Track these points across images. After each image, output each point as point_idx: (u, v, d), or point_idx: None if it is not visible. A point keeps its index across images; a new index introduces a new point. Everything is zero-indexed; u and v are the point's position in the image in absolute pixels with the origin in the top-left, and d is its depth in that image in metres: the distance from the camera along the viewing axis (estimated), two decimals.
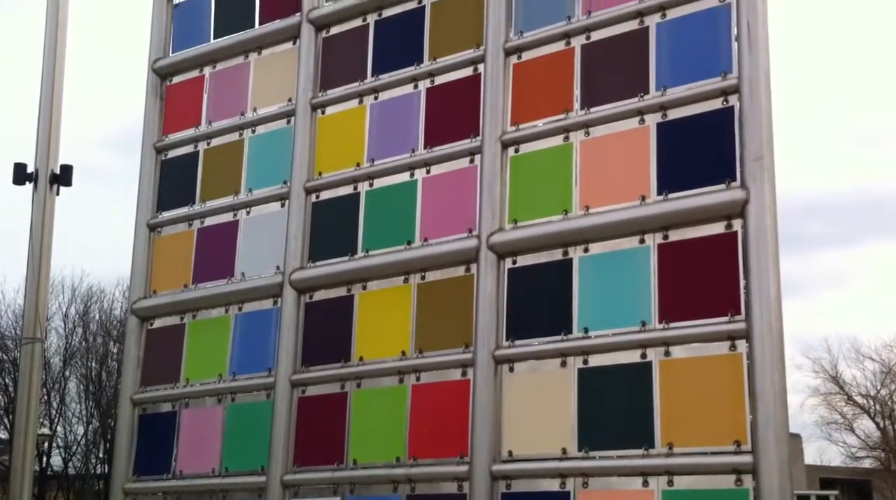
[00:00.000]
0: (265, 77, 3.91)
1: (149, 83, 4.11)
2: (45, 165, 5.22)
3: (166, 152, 4.06)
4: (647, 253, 2.98)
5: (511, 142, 3.33)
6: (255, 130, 3.88)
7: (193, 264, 3.85)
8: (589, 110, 3.21)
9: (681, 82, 3.07)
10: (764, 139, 2.86)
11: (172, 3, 4.18)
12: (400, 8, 3.71)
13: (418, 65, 3.58)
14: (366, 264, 3.48)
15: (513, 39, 3.41)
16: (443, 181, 3.45)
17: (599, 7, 3.28)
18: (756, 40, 2.92)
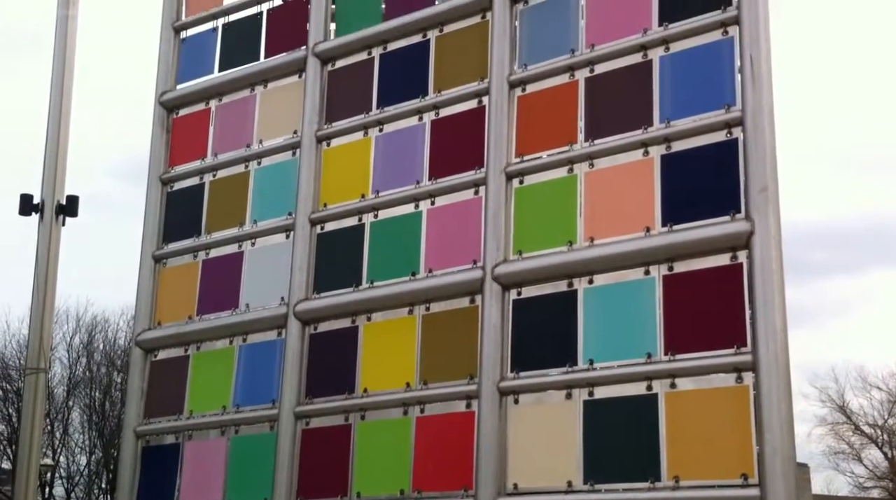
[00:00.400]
0: (271, 109, 3.94)
1: (155, 116, 4.14)
2: (51, 196, 5.24)
3: (172, 184, 4.08)
4: (653, 285, 2.98)
5: (516, 173, 3.34)
6: (261, 161, 3.91)
7: (198, 295, 3.85)
8: (593, 142, 3.23)
9: (684, 114, 3.09)
10: (768, 171, 2.86)
11: (180, 36, 4.23)
12: (405, 41, 3.74)
13: (423, 97, 3.61)
14: (370, 295, 3.49)
15: (517, 72, 3.44)
16: (447, 213, 3.46)
17: (603, 40, 3.31)
18: (759, 73, 2.94)
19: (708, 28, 3.12)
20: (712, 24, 3.11)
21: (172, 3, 4.25)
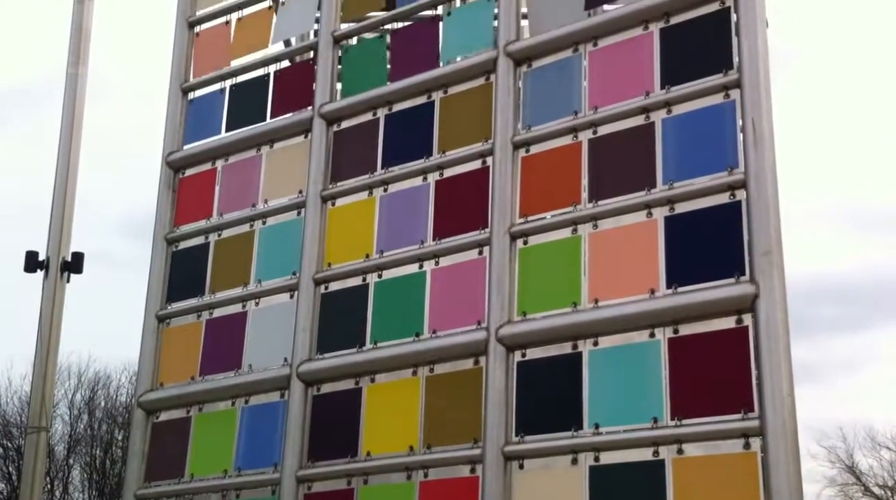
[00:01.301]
0: (276, 169, 3.97)
1: (162, 175, 4.17)
2: (56, 253, 5.26)
3: (177, 244, 4.09)
4: (658, 347, 2.96)
5: (520, 234, 3.34)
6: (266, 221, 3.92)
7: (201, 355, 3.83)
8: (597, 203, 3.23)
9: (687, 177, 3.10)
10: (772, 234, 2.86)
11: (188, 97, 4.27)
12: (410, 103, 3.78)
13: (427, 158, 3.63)
14: (374, 356, 3.46)
15: (521, 133, 3.46)
16: (452, 273, 3.45)
17: (606, 102, 3.34)
18: (761, 136, 2.96)
19: (709, 91, 3.15)
20: (714, 88, 3.14)
21: (181, 64, 4.30)
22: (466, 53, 3.84)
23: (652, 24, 3.34)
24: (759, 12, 3.12)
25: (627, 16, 3.39)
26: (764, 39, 3.11)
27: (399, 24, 4.01)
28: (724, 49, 3.16)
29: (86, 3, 5.65)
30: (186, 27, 4.35)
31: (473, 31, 3.77)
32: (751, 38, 3.08)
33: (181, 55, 4.30)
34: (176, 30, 4.36)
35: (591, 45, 3.46)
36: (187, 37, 4.34)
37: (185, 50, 4.31)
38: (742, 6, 3.13)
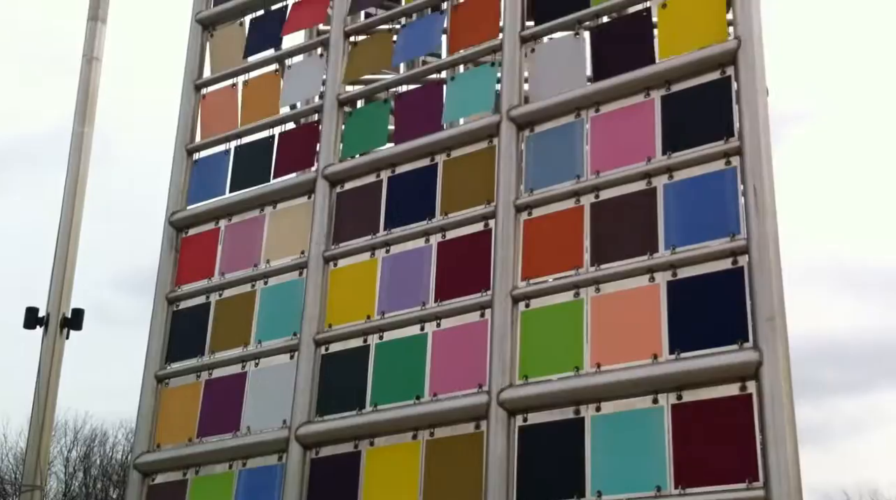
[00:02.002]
0: (279, 230, 3.98)
1: (165, 235, 4.18)
2: (56, 310, 5.25)
3: (178, 303, 4.07)
4: (661, 414, 2.93)
5: (522, 297, 3.34)
6: (267, 281, 3.91)
7: (199, 417, 3.78)
8: (599, 267, 3.24)
9: (689, 242, 3.10)
10: (775, 300, 2.86)
11: (192, 158, 4.31)
12: (413, 165, 3.81)
13: (430, 219, 3.64)
14: (374, 418, 3.43)
15: (523, 196, 3.48)
16: (453, 335, 3.44)
17: (608, 167, 3.37)
18: (763, 203, 2.97)
19: (711, 158, 3.17)
20: (715, 154, 3.17)
21: (187, 125, 4.35)
22: (470, 117, 3.89)
23: (653, 92, 3.38)
24: (759, 81, 3.17)
25: (629, 83, 3.43)
26: (764, 107, 3.15)
27: (404, 88, 4.07)
28: (724, 116, 3.19)
29: (94, 64, 5.73)
30: (193, 90, 4.41)
31: (477, 95, 3.83)
32: (751, 106, 3.12)
33: (187, 117, 4.35)
34: (183, 91, 4.42)
35: (592, 111, 3.50)
36: (194, 99, 4.39)
37: (192, 112, 4.36)
38: (742, 75, 3.18)
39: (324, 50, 4.21)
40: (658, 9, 3.53)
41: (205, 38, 4.49)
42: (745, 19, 3.25)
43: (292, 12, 4.35)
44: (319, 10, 4.34)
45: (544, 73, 3.67)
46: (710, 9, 3.40)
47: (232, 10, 4.47)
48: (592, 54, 3.60)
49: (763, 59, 3.22)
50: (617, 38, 3.58)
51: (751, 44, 3.20)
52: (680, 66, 3.34)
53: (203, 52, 4.47)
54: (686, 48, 3.37)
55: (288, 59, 4.31)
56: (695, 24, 3.41)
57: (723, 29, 3.34)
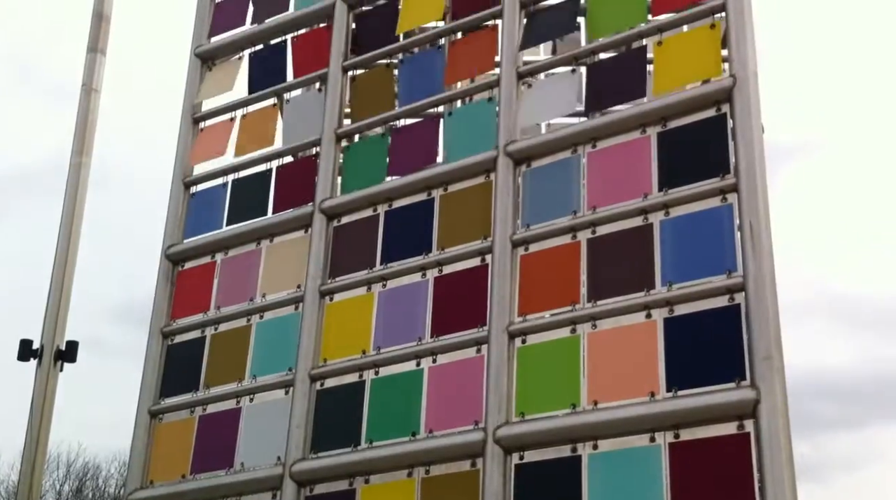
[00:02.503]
0: (276, 264, 3.97)
1: (161, 269, 4.17)
2: (50, 342, 5.21)
3: (173, 337, 4.05)
4: (659, 452, 2.91)
5: (518, 332, 3.33)
6: (263, 315, 3.90)
7: (193, 453, 3.75)
8: (596, 303, 3.23)
9: (686, 278, 3.10)
10: (772, 338, 2.85)
11: (189, 191, 4.31)
12: (410, 199, 3.81)
13: (427, 254, 3.64)
14: (369, 455, 3.40)
15: (520, 232, 3.48)
16: (449, 371, 3.42)
17: (604, 203, 3.37)
18: (759, 241, 2.97)
19: (707, 194, 3.18)
20: (711, 191, 3.17)
21: (184, 158, 4.35)
22: (466, 152, 3.90)
23: (649, 128, 3.40)
24: (754, 118, 3.18)
25: (625, 119, 3.45)
26: (760, 145, 3.16)
27: (401, 123, 4.09)
28: (720, 153, 3.20)
29: (92, 94, 5.75)
30: (191, 122, 4.42)
31: (474, 130, 3.84)
32: (747, 144, 3.13)
33: (184, 149, 4.36)
34: (181, 125, 4.43)
35: (589, 147, 3.51)
36: (191, 131, 4.40)
37: (189, 144, 4.37)
38: (738, 112, 3.20)
39: (322, 84, 4.23)
40: (654, 46, 3.56)
41: (203, 72, 4.51)
42: (740, 57, 3.27)
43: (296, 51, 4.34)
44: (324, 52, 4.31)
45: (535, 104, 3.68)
46: (706, 47, 3.42)
47: (231, 45, 4.50)
48: (588, 90, 3.62)
49: (758, 96, 3.24)
50: (613, 75, 3.60)
51: (746, 82, 3.22)
52: (675, 104, 3.36)
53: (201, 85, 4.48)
54: (682, 85, 3.40)
55: (286, 93, 4.33)
56: (690, 62, 3.43)
57: (718, 66, 3.37)
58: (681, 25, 3.58)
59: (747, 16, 3.35)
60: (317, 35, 4.35)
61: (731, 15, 3.36)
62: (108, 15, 5.68)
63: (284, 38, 4.40)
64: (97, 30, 5.66)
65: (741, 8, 3.35)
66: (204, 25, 4.59)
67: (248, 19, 4.50)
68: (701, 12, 3.46)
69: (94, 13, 5.69)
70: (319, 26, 4.35)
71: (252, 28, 4.48)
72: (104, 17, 5.67)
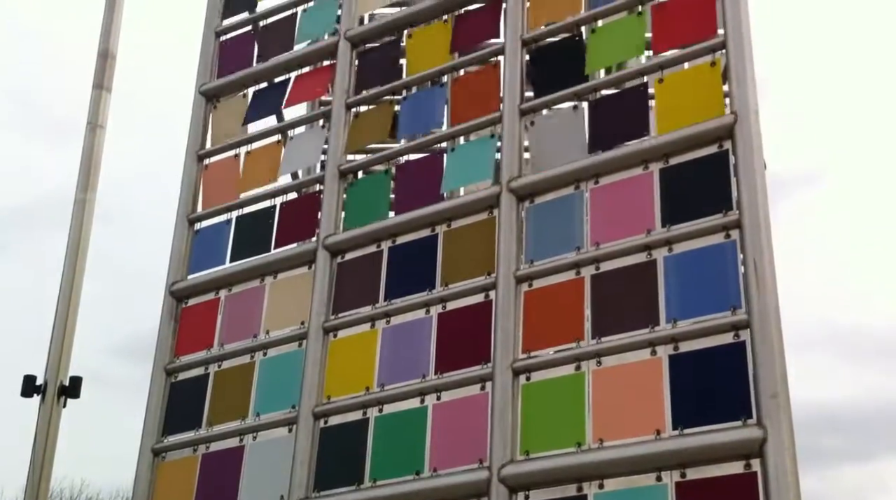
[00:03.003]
0: (279, 300, 3.97)
1: (164, 305, 4.17)
2: (54, 378, 5.20)
3: (176, 375, 4.04)
4: (665, 492, 2.88)
5: (522, 369, 3.32)
6: (267, 352, 3.89)
7: (195, 492, 3.71)
8: (600, 340, 3.22)
9: (690, 315, 3.09)
10: (778, 376, 2.84)
11: (194, 228, 4.32)
12: (413, 235, 3.82)
13: (430, 290, 3.64)
14: (373, 495, 3.37)
15: (523, 268, 3.48)
16: (453, 409, 3.41)
17: (608, 239, 3.38)
18: (763, 277, 2.97)
19: (710, 231, 3.18)
20: (714, 227, 3.18)
21: (189, 195, 4.37)
22: (470, 188, 3.91)
23: (652, 164, 3.41)
24: (756, 155, 3.20)
25: (627, 155, 3.47)
26: (762, 181, 3.17)
27: (404, 159, 4.11)
28: (723, 190, 3.21)
29: (97, 131, 5.78)
30: (196, 160, 4.44)
31: (476, 166, 3.86)
32: (749, 181, 3.14)
33: (189, 186, 4.38)
34: (185, 161, 4.45)
35: (592, 183, 3.52)
36: (196, 169, 4.43)
37: (194, 181, 4.39)
38: (740, 149, 3.21)
39: (325, 121, 4.26)
40: (655, 83, 3.58)
41: (208, 109, 4.55)
42: (741, 94, 3.29)
43: (295, 84, 4.41)
44: (322, 83, 4.40)
45: (544, 146, 3.70)
46: (707, 83, 3.45)
47: (235, 83, 4.54)
48: (590, 126, 3.64)
49: (760, 133, 3.26)
50: (615, 111, 3.62)
51: (747, 118, 3.24)
52: (677, 140, 3.37)
53: (206, 123, 4.52)
54: (683, 122, 3.41)
55: (290, 129, 4.36)
56: (692, 98, 3.45)
57: (720, 104, 3.39)
58: (682, 63, 3.61)
59: (747, 53, 3.37)
60: (320, 73, 4.39)
61: (731, 52, 3.38)
62: (113, 53, 5.73)
63: (288, 76, 4.44)
64: (103, 67, 5.70)
65: (741, 45, 3.38)
66: (208, 63, 4.63)
67: (254, 58, 4.54)
68: (701, 50, 3.49)
69: (100, 51, 5.74)
70: (323, 64, 4.39)
71: (256, 66, 4.52)
72: (110, 55, 5.72)
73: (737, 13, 3.44)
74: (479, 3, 4.12)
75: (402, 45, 4.25)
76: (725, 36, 3.43)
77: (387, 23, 4.29)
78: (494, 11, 4.05)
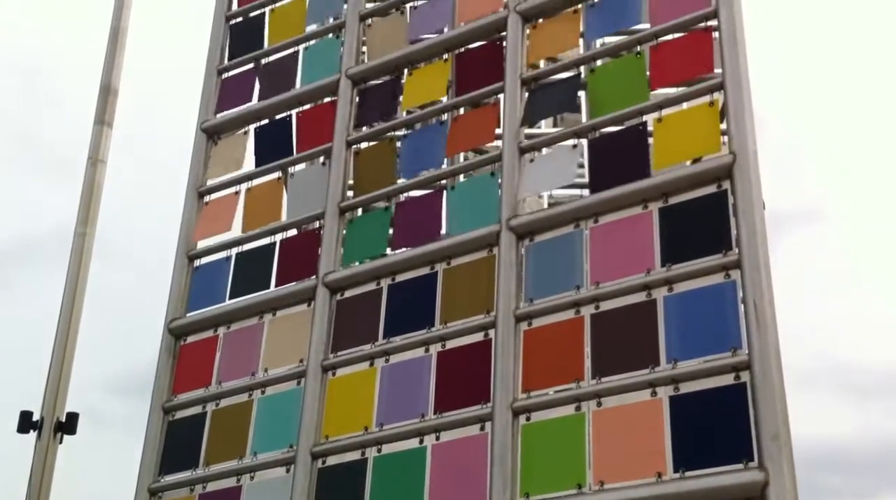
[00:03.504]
0: (278, 338, 3.95)
1: (163, 343, 4.15)
2: (51, 414, 5.17)
3: (174, 413, 4.02)
4: None
5: (522, 410, 3.30)
6: (265, 390, 3.87)
7: None
8: (600, 380, 3.20)
9: (691, 356, 3.08)
10: (779, 418, 2.82)
11: (193, 264, 4.32)
12: (413, 273, 3.81)
13: (430, 329, 3.63)
14: None
15: (523, 306, 3.47)
16: (453, 449, 3.38)
17: (607, 278, 3.37)
18: (763, 318, 2.96)
19: (710, 271, 3.18)
20: (714, 268, 3.17)
21: (189, 232, 4.37)
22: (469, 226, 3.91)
23: (651, 203, 3.42)
24: (755, 195, 3.20)
25: (627, 194, 3.47)
26: (762, 221, 3.18)
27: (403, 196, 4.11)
28: (722, 229, 3.22)
29: (98, 166, 5.80)
30: (196, 196, 4.45)
31: (476, 204, 3.86)
32: (748, 221, 3.15)
33: (189, 223, 4.38)
34: (186, 197, 4.46)
35: (591, 221, 3.53)
36: (196, 205, 4.43)
37: (193, 218, 4.40)
38: (738, 189, 3.22)
39: (326, 159, 4.27)
40: (654, 122, 3.60)
41: (209, 146, 4.56)
42: (739, 134, 3.31)
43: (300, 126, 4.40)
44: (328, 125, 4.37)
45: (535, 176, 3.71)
46: (705, 123, 3.47)
47: (236, 120, 4.56)
48: (591, 168, 3.65)
49: (758, 173, 3.27)
50: (615, 152, 3.64)
51: (745, 158, 3.25)
52: (676, 180, 3.38)
53: (207, 160, 4.53)
54: (681, 161, 3.43)
55: (291, 167, 4.37)
56: (690, 138, 3.47)
57: (717, 142, 3.40)
58: (680, 102, 3.63)
59: (745, 93, 3.39)
60: (321, 110, 4.41)
61: (729, 92, 3.41)
62: (115, 88, 5.77)
63: (290, 114, 4.46)
64: (104, 102, 5.74)
65: (739, 85, 3.40)
66: (210, 100, 4.66)
67: (255, 95, 4.57)
68: (699, 90, 3.51)
69: (102, 86, 5.78)
70: (324, 101, 4.41)
71: (258, 103, 4.54)
72: (112, 91, 5.76)
73: (734, 53, 3.46)
74: (479, 42, 4.16)
75: (401, 83, 4.27)
76: (723, 76, 3.45)
77: (387, 61, 4.32)
78: (494, 50, 4.08)
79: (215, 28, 4.82)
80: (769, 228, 3.23)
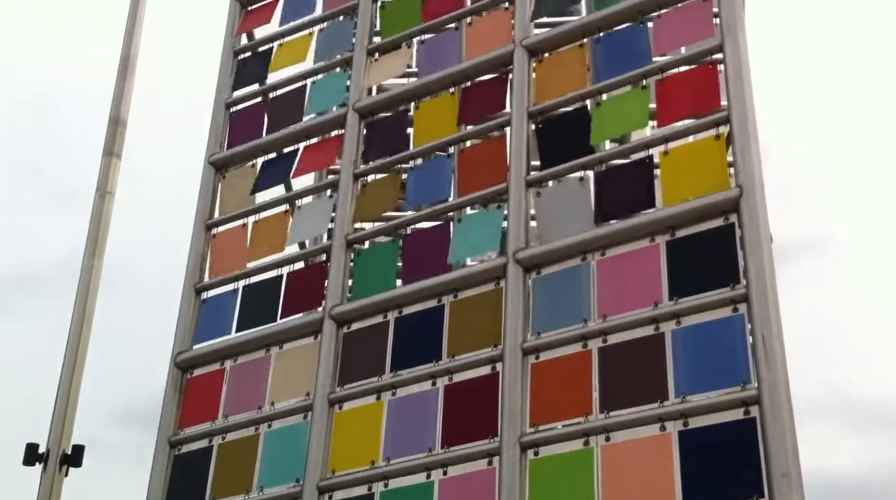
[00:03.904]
0: (285, 371, 3.94)
1: (169, 376, 4.14)
2: (56, 446, 5.15)
3: (180, 447, 4.00)
4: None
5: (530, 444, 3.28)
6: (271, 424, 3.85)
7: None
8: (608, 415, 3.19)
9: (700, 390, 3.07)
10: (789, 455, 2.80)
11: (200, 297, 4.32)
12: (420, 306, 3.81)
13: (437, 362, 3.62)
14: None
15: (530, 340, 3.46)
16: (460, 484, 3.35)
17: (615, 311, 3.36)
18: (772, 352, 2.95)
19: (718, 304, 3.17)
20: (722, 301, 3.17)
21: (196, 264, 4.38)
22: (476, 259, 3.92)
23: (658, 237, 3.42)
24: (762, 228, 3.20)
25: (634, 227, 3.48)
26: (769, 254, 3.17)
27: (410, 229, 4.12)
28: (730, 263, 3.21)
29: (107, 197, 5.82)
30: (204, 229, 4.46)
31: (483, 236, 3.86)
32: (756, 254, 3.14)
33: (197, 255, 4.39)
34: (194, 230, 4.47)
35: (599, 255, 3.53)
36: (203, 238, 4.44)
37: (201, 250, 4.40)
38: (746, 222, 3.22)
39: (333, 191, 4.28)
40: (660, 155, 3.61)
41: (217, 179, 4.58)
42: (745, 168, 3.31)
43: (303, 155, 4.45)
44: (330, 153, 4.44)
45: (550, 217, 3.71)
46: (711, 156, 3.47)
47: (244, 153, 4.58)
48: (596, 198, 3.66)
49: (766, 206, 3.27)
50: (621, 183, 3.64)
51: (752, 192, 3.26)
52: (682, 213, 3.39)
53: (215, 193, 4.55)
54: (688, 194, 3.43)
55: (298, 199, 4.39)
56: (697, 171, 3.48)
57: (724, 178, 3.41)
58: (686, 136, 3.64)
59: (751, 127, 3.41)
60: (329, 143, 4.44)
61: (735, 126, 3.42)
62: (124, 120, 5.81)
63: (297, 147, 4.49)
64: (113, 134, 5.76)
65: (745, 119, 3.41)
66: (218, 133, 4.68)
67: (263, 129, 4.59)
68: (706, 124, 3.52)
69: (111, 118, 5.82)
70: (331, 135, 4.44)
71: (266, 137, 4.57)
72: (120, 122, 5.79)
73: (740, 87, 3.48)
74: (486, 76, 4.18)
75: (409, 116, 4.30)
76: (729, 109, 3.47)
77: (395, 94, 4.35)
78: (501, 84, 4.10)
79: (223, 62, 4.86)
80: (776, 259, 3.23)
